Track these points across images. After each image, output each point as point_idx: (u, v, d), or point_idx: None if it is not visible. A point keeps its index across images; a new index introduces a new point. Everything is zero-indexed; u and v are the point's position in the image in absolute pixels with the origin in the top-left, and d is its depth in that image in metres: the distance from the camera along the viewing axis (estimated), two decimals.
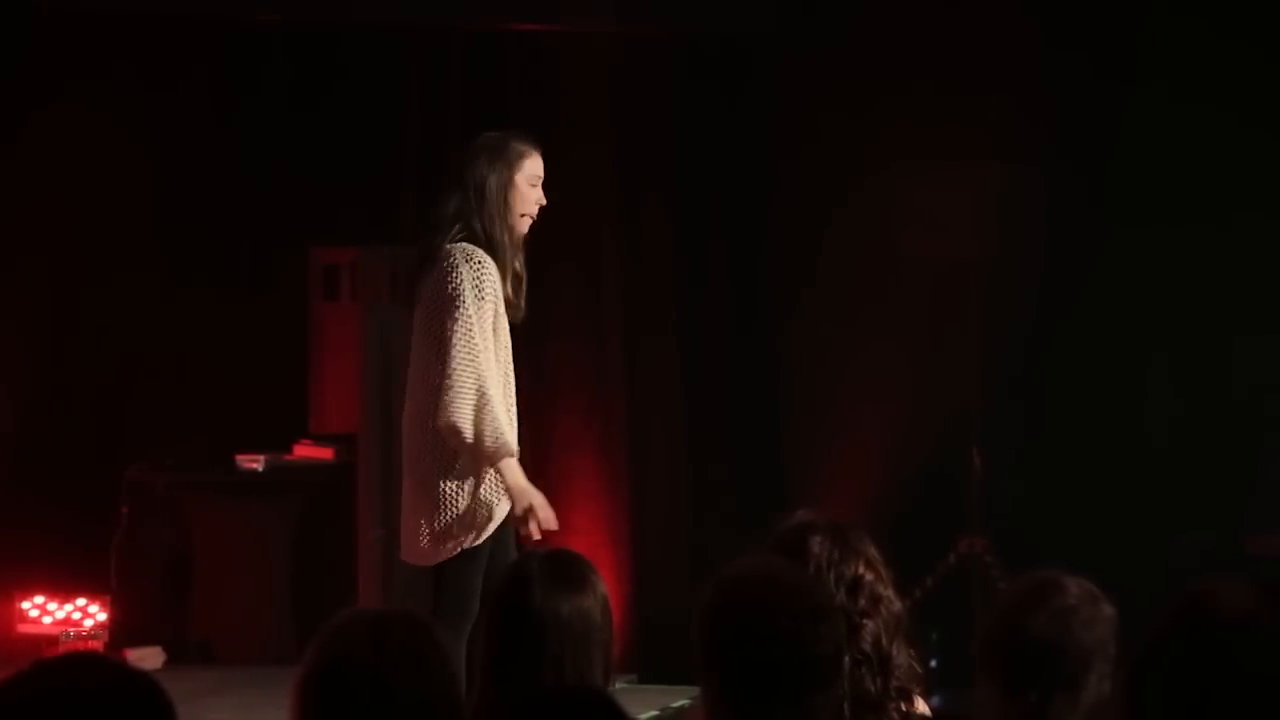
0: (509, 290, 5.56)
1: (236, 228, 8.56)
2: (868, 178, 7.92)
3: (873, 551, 3.60)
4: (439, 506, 5.54)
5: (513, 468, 5.48)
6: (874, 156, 7.89)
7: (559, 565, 3.50)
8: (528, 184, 5.61)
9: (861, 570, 3.54)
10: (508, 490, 5.50)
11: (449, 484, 5.53)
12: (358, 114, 8.45)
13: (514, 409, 5.61)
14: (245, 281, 8.56)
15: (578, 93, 8.37)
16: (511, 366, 5.63)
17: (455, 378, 5.44)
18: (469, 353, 5.46)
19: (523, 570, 3.48)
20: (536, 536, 5.48)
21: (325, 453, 8.24)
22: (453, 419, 5.44)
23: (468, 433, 5.45)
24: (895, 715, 3.48)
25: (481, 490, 5.54)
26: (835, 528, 3.58)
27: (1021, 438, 8.00)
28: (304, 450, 8.30)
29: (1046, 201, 7.81)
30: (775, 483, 8.06)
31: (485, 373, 5.45)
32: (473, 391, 5.45)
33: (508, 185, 5.57)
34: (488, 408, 5.44)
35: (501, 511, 5.56)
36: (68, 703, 2.31)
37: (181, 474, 8.33)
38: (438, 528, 5.56)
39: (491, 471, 5.53)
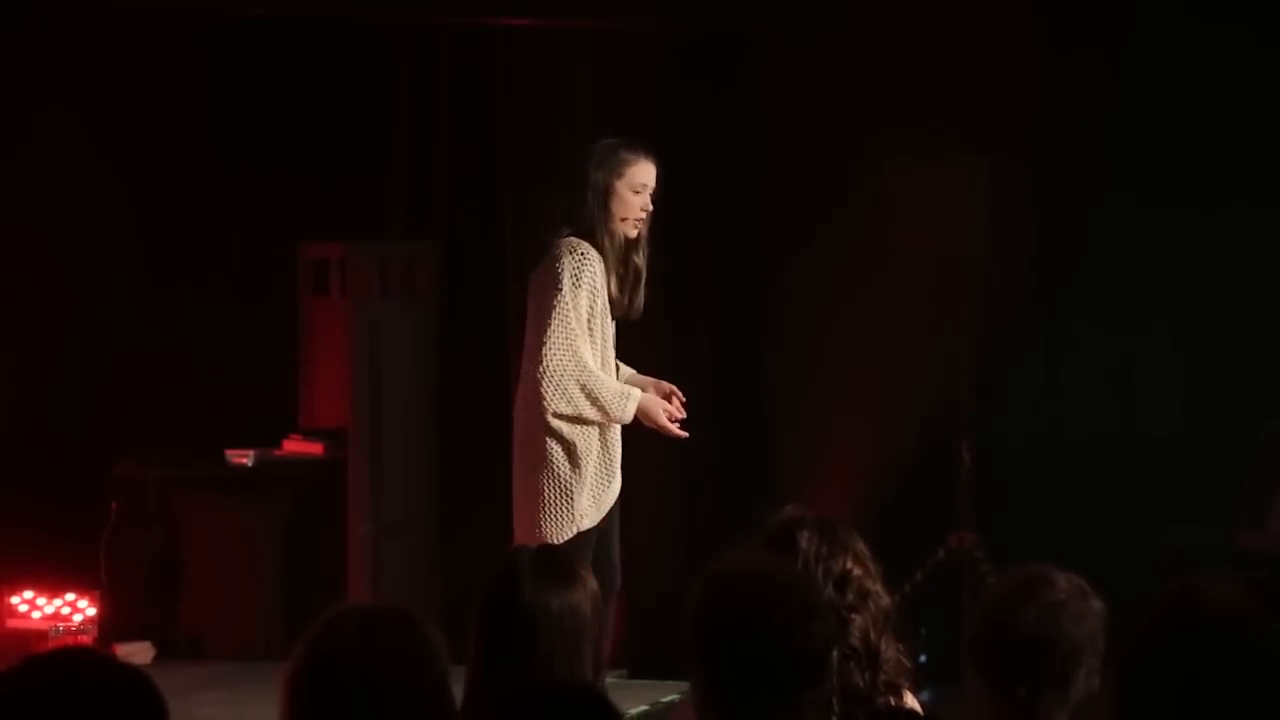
0: (613, 288, 5.84)
1: (225, 223, 8.55)
2: (857, 174, 7.92)
3: (861, 547, 3.60)
4: (547, 492, 5.73)
5: (632, 409, 5.76)
6: (863, 153, 7.89)
7: (549, 561, 3.50)
8: (631, 190, 5.86)
9: (850, 565, 3.55)
10: (641, 414, 5.78)
11: (555, 470, 5.74)
12: (347, 109, 8.44)
13: None
14: (234, 277, 8.56)
15: (567, 88, 8.36)
16: (612, 360, 5.91)
17: (551, 364, 5.72)
18: (565, 338, 5.73)
19: (512, 566, 3.48)
20: (681, 432, 5.82)
21: (315, 448, 8.24)
22: (558, 404, 5.72)
23: (582, 408, 5.73)
24: (884, 709, 3.49)
25: (587, 474, 5.77)
26: (823, 524, 3.59)
27: (1011, 432, 8.01)
28: (293, 445, 8.30)
29: (1034, 196, 7.82)
30: (765, 478, 8.06)
31: (581, 353, 5.72)
32: (571, 374, 5.71)
33: (609, 191, 5.83)
34: (591, 376, 5.72)
35: (609, 495, 5.83)
36: (58, 698, 2.31)
37: (171, 469, 8.32)
38: (551, 512, 5.74)
39: (597, 454, 5.76)
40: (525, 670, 3.35)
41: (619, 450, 5.90)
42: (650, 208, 5.91)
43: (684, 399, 5.95)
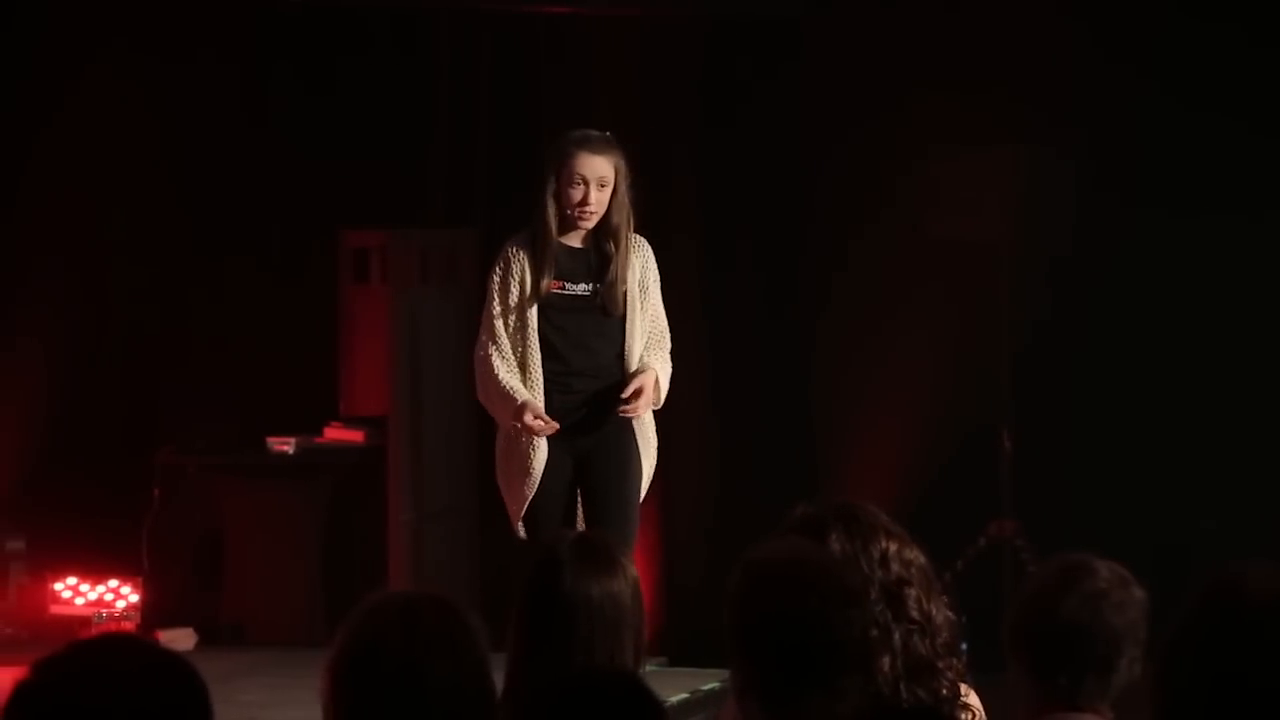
0: (549, 277, 5.91)
1: (267, 211, 8.57)
2: (897, 161, 7.90)
3: (884, 517, 3.58)
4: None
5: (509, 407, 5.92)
6: (903, 139, 7.87)
7: (589, 549, 3.50)
8: (568, 183, 5.93)
9: (885, 543, 3.52)
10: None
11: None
12: (388, 97, 8.45)
13: (540, 390, 5.96)
14: (276, 265, 8.58)
15: (606, 75, 8.35)
16: (536, 347, 5.94)
17: (479, 343, 5.99)
18: (481, 334, 5.99)
19: (554, 554, 3.49)
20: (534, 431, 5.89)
21: (356, 435, 8.26)
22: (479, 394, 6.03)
23: (486, 400, 6.03)
24: (949, 674, 3.48)
25: (510, 457, 6.01)
26: (845, 515, 3.55)
27: (1052, 420, 7.98)
28: (334, 433, 8.32)
29: (1075, 183, 7.79)
30: (805, 466, 8.05)
31: (486, 349, 5.94)
32: (476, 366, 5.99)
33: (549, 181, 5.94)
34: (485, 374, 5.95)
35: (537, 462, 5.95)
36: (101, 684, 2.32)
37: (213, 456, 8.36)
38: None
39: (506, 437, 6.02)
40: (566, 658, 3.35)
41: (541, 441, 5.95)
42: (589, 201, 5.92)
43: (627, 402, 5.91)
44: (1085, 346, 8.01)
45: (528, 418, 5.84)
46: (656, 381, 5.95)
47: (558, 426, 5.86)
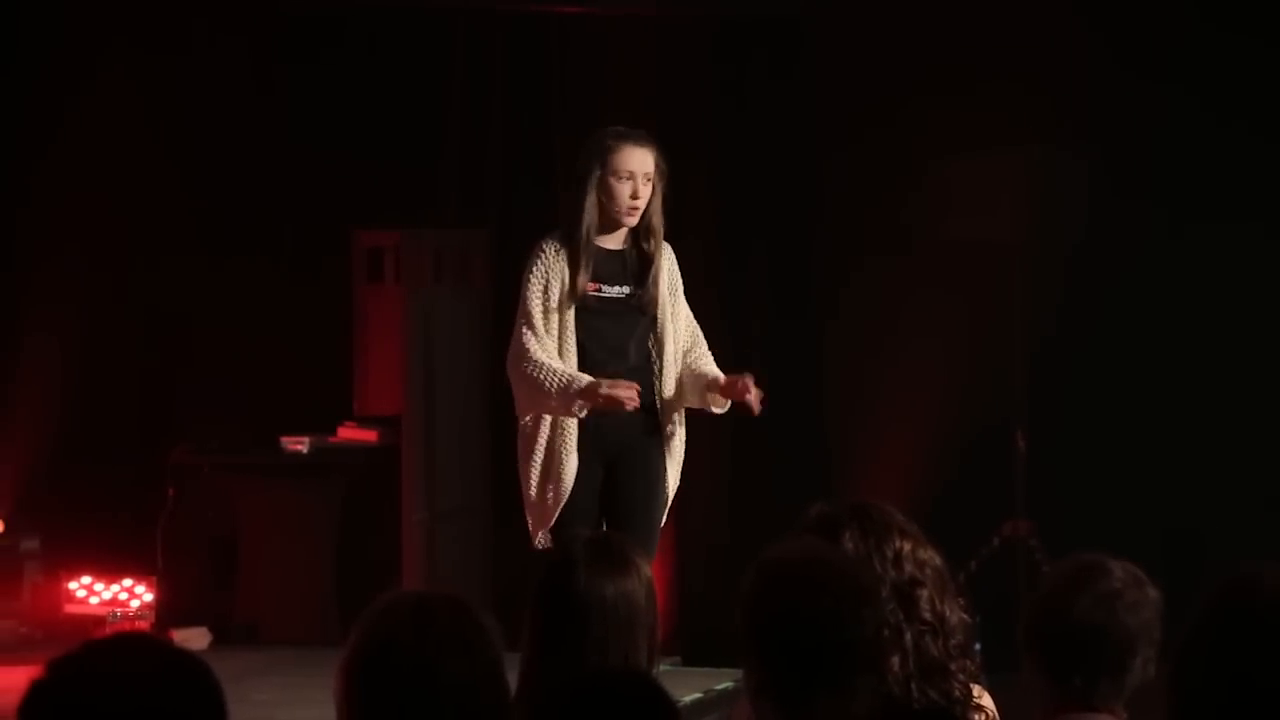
0: (587, 278, 5.74)
1: (280, 210, 8.59)
2: (910, 161, 7.90)
3: (899, 517, 3.57)
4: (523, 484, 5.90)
5: (591, 390, 5.69)
6: (916, 139, 7.87)
7: (604, 548, 3.50)
8: (614, 178, 5.75)
9: (899, 543, 3.52)
10: (590, 397, 5.72)
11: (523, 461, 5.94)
12: (401, 97, 8.46)
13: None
14: (290, 265, 8.59)
15: (619, 75, 8.36)
16: (573, 352, 5.77)
17: (518, 344, 5.79)
18: (517, 334, 5.77)
19: (567, 553, 3.49)
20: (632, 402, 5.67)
21: (369, 435, 8.26)
22: (517, 396, 5.85)
23: (534, 399, 5.79)
24: (961, 675, 3.47)
25: (537, 463, 5.85)
26: (858, 514, 3.54)
27: (1066, 420, 7.98)
28: (348, 432, 8.33)
29: (1089, 184, 7.79)
30: (819, 466, 8.05)
31: (539, 348, 5.73)
32: (514, 365, 5.78)
33: (593, 178, 5.75)
34: (545, 372, 5.72)
35: (568, 473, 5.80)
36: (115, 684, 2.33)
37: (227, 456, 8.37)
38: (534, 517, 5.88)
39: (544, 444, 5.83)
40: (579, 658, 3.35)
41: (573, 435, 5.80)
42: (639, 195, 5.75)
43: (753, 387, 5.86)
44: (1099, 347, 8.00)
45: (608, 389, 5.62)
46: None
47: (638, 388, 5.67)
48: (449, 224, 8.54)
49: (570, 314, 5.75)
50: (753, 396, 5.85)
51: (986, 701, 3.57)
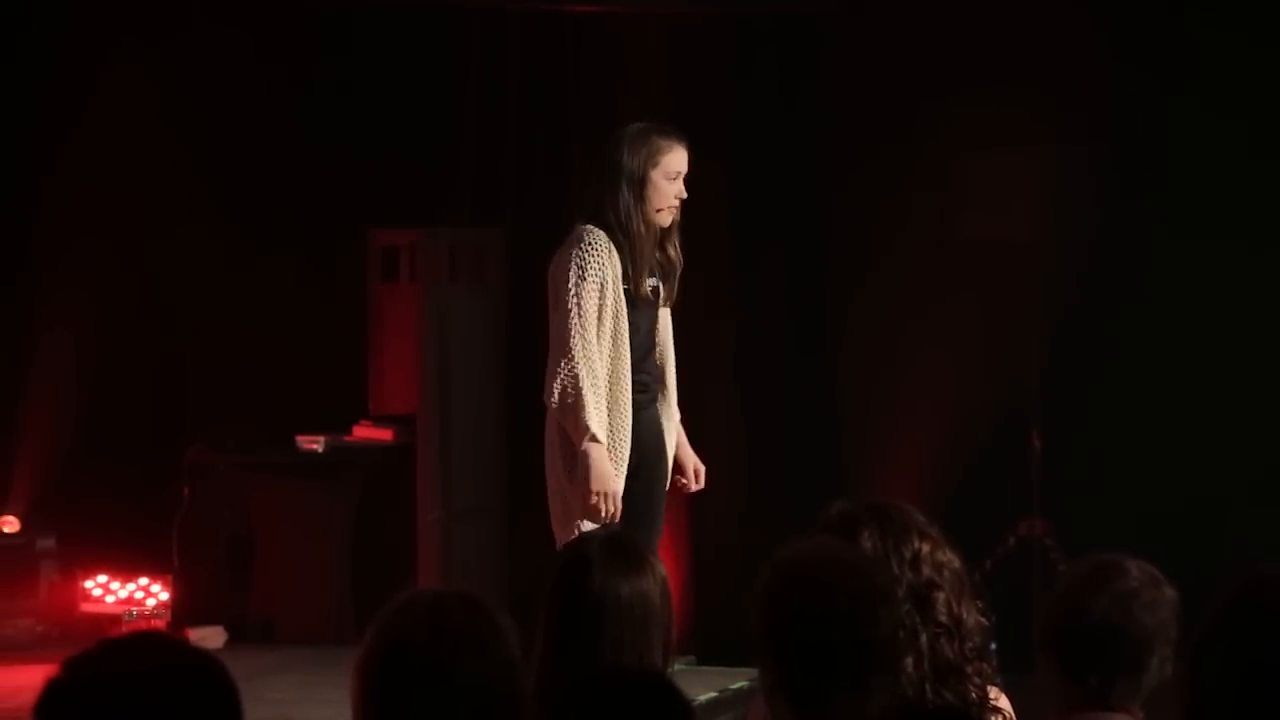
0: (644, 279, 5.67)
1: (296, 209, 8.59)
2: (927, 160, 7.89)
3: (920, 518, 3.57)
4: (565, 483, 5.65)
5: (595, 451, 5.55)
6: (933, 138, 7.86)
7: (618, 547, 3.50)
8: (665, 178, 5.69)
9: (918, 544, 3.51)
10: (589, 472, 5.56)
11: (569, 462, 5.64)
12: (416, 96, 8.46)
13: (628, 393, 5.69)
14: (305, 263, 8.59)
15: (635, 73, 8.35)
16: (627, 351, 5.68)
17: (555, 357, 5.59)
18: (573, 333, 5.57)
19: (582, 552, 3.49)
20: (595, 524, 5.52)
21: (385, 434, 8.27)
22: (552, 398, 5.61)
23: (563, 414, 5.59)
24: (977, 678, 3.47)
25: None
26: (879, 514, 3.54)
27: (1081, 420, 7.96)
28: (363, 431, 8.34)
29: (1105, 184, 7.77)
30: (834, 465, 8.04)
31: (583, 353, 5.56)
32: (570, 373, 5.57)
33: (643, 179, 5.66)
34: (581, 390, 5.54)
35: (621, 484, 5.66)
36: (131, 682, 2.33)
37: (242, 455, 8.38)
38: (569, 503, 5.64)
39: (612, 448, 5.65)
40: (594, 657, 3.35)
41: (626, 444, 5.69)
42: (684, 195, 5.74)
43: (702, 480, 5.84)
44: (1115, 346, 7.98)
45: (614, 510, 5.53)
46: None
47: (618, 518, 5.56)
48: (464, 223, 8.54)
49: (624, 314, 5.65)
50: (694, 488, 5.87)
51: (1004, 703, 3.57)
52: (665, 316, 5.90)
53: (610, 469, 5.59)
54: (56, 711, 2.32)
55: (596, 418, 5.57)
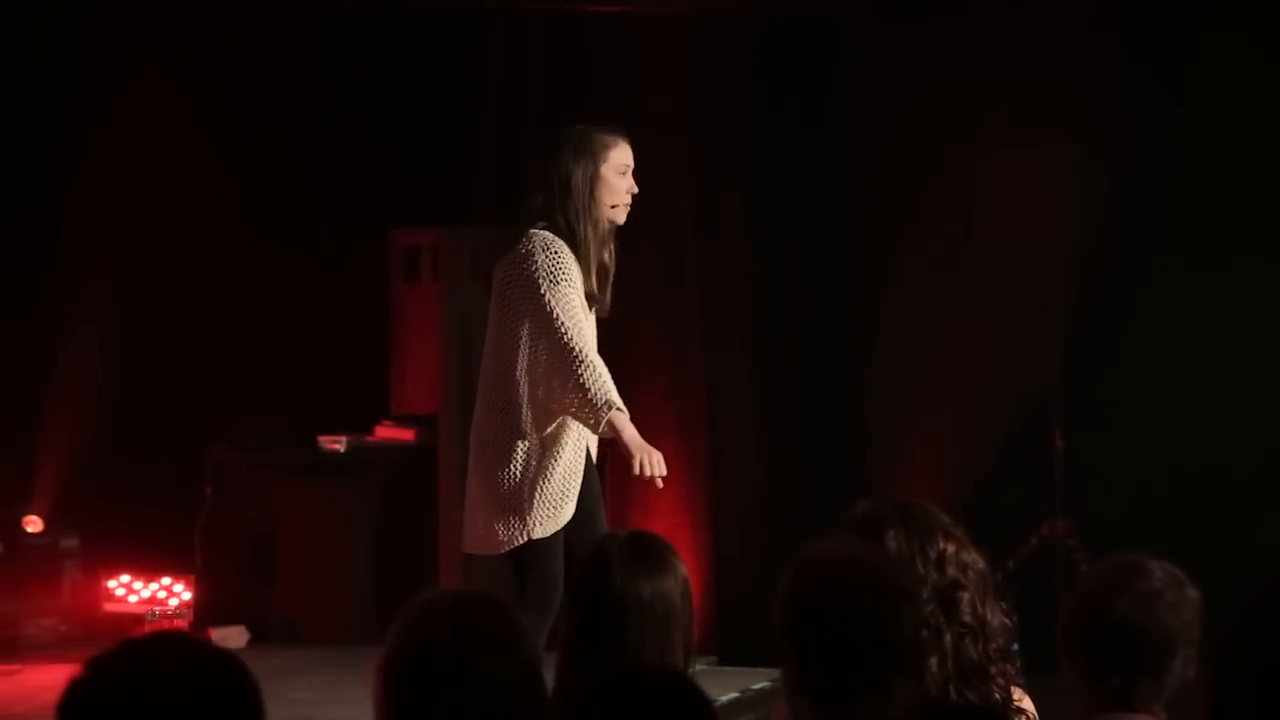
0: (592, 284, 5.53)
1: (318, 209, 8.61)
2: (949, 160, 7.88)
3: (944, 519, 3.56)
4: (505, 494, 5.47)
5: (624, 421, 5.40)
6: (955, 139, 7.85)
7: (640, 547, 3.50)
8: (616, 174, 5.58)
9: (943, 545, 3.51)
10: (624, 442, 5.40)
11: (516, 471, 5.46)
12: (438, 96, 8.47)
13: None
14: (327, 263, 8.61)
15: (656, 75, 8.35)
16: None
17: (569, 344, 5.40)
18: (572, 322, 5.42)
19: (604, 552, 3.49)
20: (658, 483, 5.43)
21: (406, 434, 8.28)
22: (582, 382, 5.37)
23: (591, 395, 5.38)
24: (1000, 679, 3.46)
25: (552, 479, 5.47)
26: (904, 514, 3.54)
27: (1104, 420, 7.95)
28: (385, 431, 8.35)
29: (1128, 184, 7.76)
30: (856, 465, 8.03)
31: (583, 339, 5.44)
32: (583, 357, 5.41)
33: (594, 178, 5.54)
34: (594, 368, 5.40)
35: (572, 502, 5.50)
36: (153, 682, 2.33)
37: (264, 455, 8.39)
38: (505, 516, 5.48)
39: (564, 459, 5.48)
40: (616, 656, 3.35)
41: (579, 471, 5.53)
42: (635, 189, 5.59)
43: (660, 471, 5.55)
44: (1137, 346, 7.97)
45: (646, 456, 5.36)
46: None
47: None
48: (486, 223, 8.54)
49: (591, 324, 5.53)
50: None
51: (1027, 704, 3.56)
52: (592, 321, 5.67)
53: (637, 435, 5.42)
54: (79, 711, 2.33)
55: (615, 390, 5.42)
